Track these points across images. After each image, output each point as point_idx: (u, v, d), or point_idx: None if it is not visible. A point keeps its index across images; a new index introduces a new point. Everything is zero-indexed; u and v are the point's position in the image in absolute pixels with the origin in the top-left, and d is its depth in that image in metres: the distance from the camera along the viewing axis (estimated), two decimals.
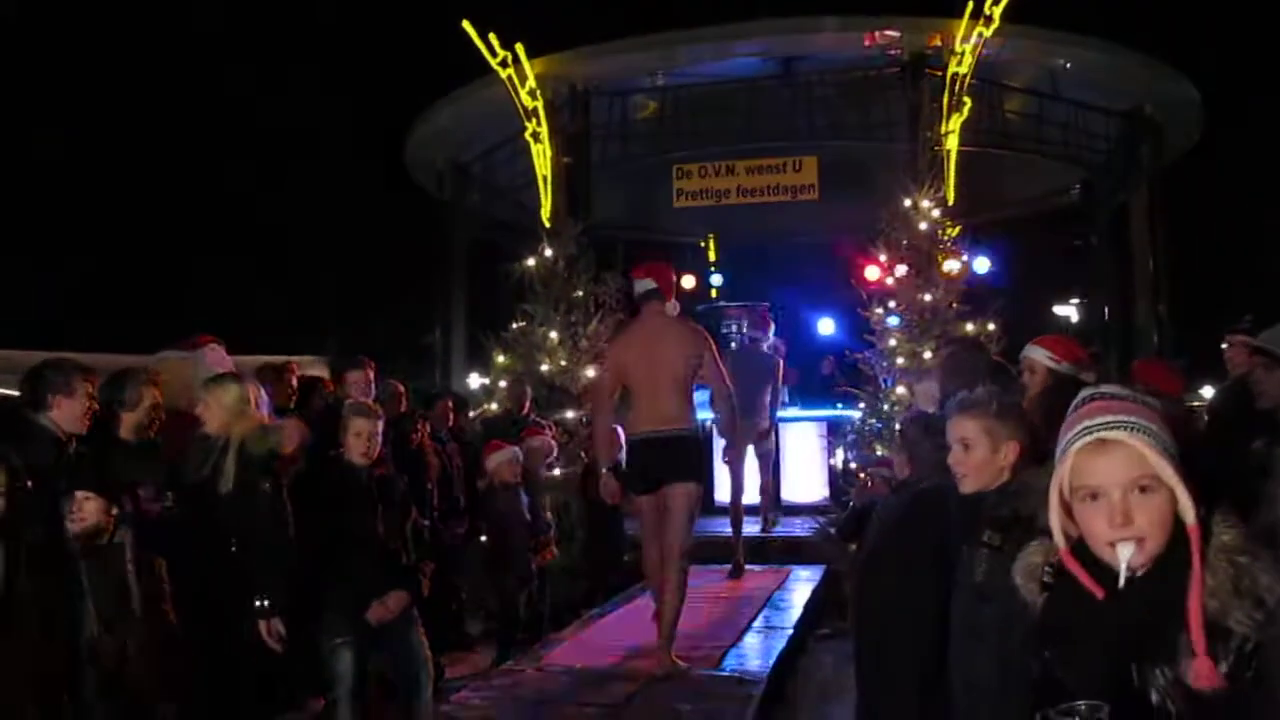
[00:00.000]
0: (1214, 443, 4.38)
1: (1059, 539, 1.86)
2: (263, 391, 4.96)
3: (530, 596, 7.47)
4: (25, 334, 11.81)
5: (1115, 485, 1.75)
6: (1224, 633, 1.65)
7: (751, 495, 9.67)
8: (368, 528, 4.94)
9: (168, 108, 23.47)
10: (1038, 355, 4.36)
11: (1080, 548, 1.82)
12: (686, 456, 5.76)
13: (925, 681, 3.19)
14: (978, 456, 3.02)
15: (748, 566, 8.83)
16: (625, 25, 13.37)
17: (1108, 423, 1.79)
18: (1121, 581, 1.73)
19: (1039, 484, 2.84)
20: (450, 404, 7.99)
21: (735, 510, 8.76)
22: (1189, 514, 1.71)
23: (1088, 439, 1.80)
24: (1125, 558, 1.72)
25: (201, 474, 4.59)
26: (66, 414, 4.23)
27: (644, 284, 6.02)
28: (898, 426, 3.98)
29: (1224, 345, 5.45)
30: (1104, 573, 1.76)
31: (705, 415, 8.41)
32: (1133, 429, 1.76)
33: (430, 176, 16.10)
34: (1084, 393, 1.91)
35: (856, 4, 12.88)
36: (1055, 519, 1.86)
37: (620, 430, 6.12)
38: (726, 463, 8.14)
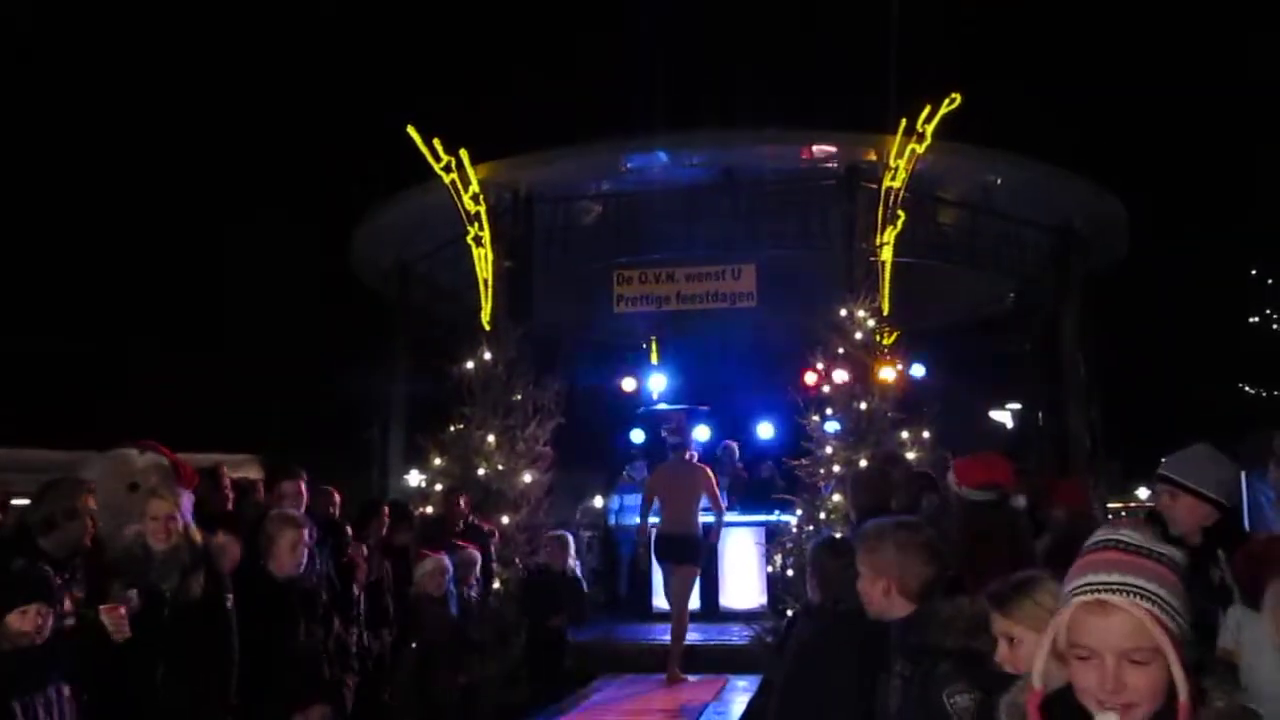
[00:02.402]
0: None
1: (1036, 681, 1.81)
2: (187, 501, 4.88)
3: (461, 708, 7.32)
4: None
5: (1110, 651, 1.69)
6: None
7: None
8: (290, 640, 4.85)
9: (101, 192, 23.37)
10: (950, 480, 4.44)
11: (1062, 694, 1.78)
12: (695, 548, 9.40)
13: None
14: (863, 587, 3.09)
15: (685, 676, 8.75)
16: (569, 133, 13.61)
17: (1112, 584, 1.72)
18: None
19: (945, 612, 2.89)
20: (386, 516, 7.83)
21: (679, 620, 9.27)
22: (1182, 689, 1.66)
23: (1088, 597, 1.73)
24: None
25: (166, 584, 4.50)
26: None
27: (674, 438, 10.74)
28: (808, 551, 4.00)
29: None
30: None
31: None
32: (1138, 595, 1.70)
33: (375, 275, 16.13)
34: (1099, 535, 1.83)
35: (795, 119, 13.27)
36: (1040, 663, 1.80)
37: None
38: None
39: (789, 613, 8.10)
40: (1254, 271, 20.68)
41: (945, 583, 3.06)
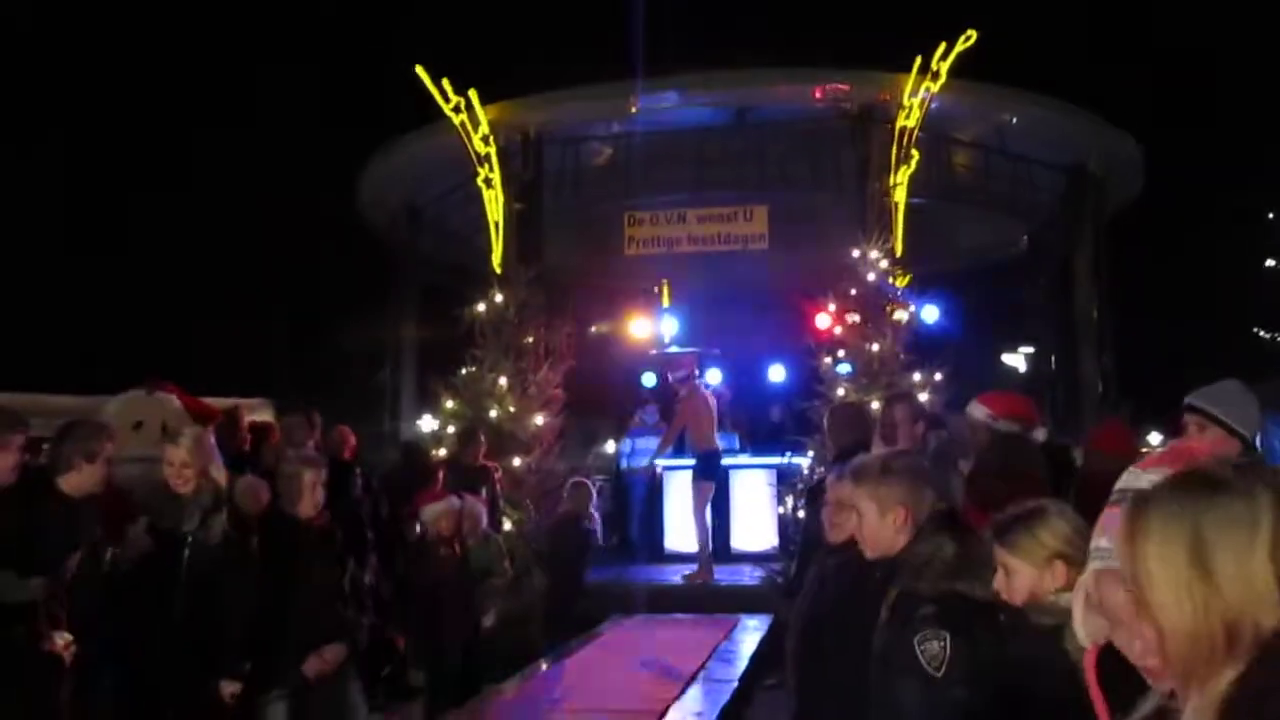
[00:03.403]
0: None
1: (1082, 639, 1.78)
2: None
3: (470, 650, 7.36)
4: None
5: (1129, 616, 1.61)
6: None
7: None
8: (307, 580, 4.87)
9: (112, 135, 23.24)
10: (978, 413, 4.39)
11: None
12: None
13: None
14: (869, 524, 3.05)
15: (696, 616, 8.82)
16: (579, 73, 13.45)
17: (1101, 551, 1.69)
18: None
19: (920, 556, 2.87)
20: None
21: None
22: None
23: (1099, 564, 1.70)
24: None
25: (187, 526, 4.52)
26: None
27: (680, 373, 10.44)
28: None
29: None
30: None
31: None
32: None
33: (383, 218, 16.06)
34: (1117, 489, 1.72)
35: (808, 57, 13.10)
36: (1078, 620, 1.77)
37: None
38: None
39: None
40: (1271, 215, 20.46)
41: (939, 517, 3.03)
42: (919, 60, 11.30)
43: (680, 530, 11.39)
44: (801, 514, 10.33)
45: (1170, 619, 1.31)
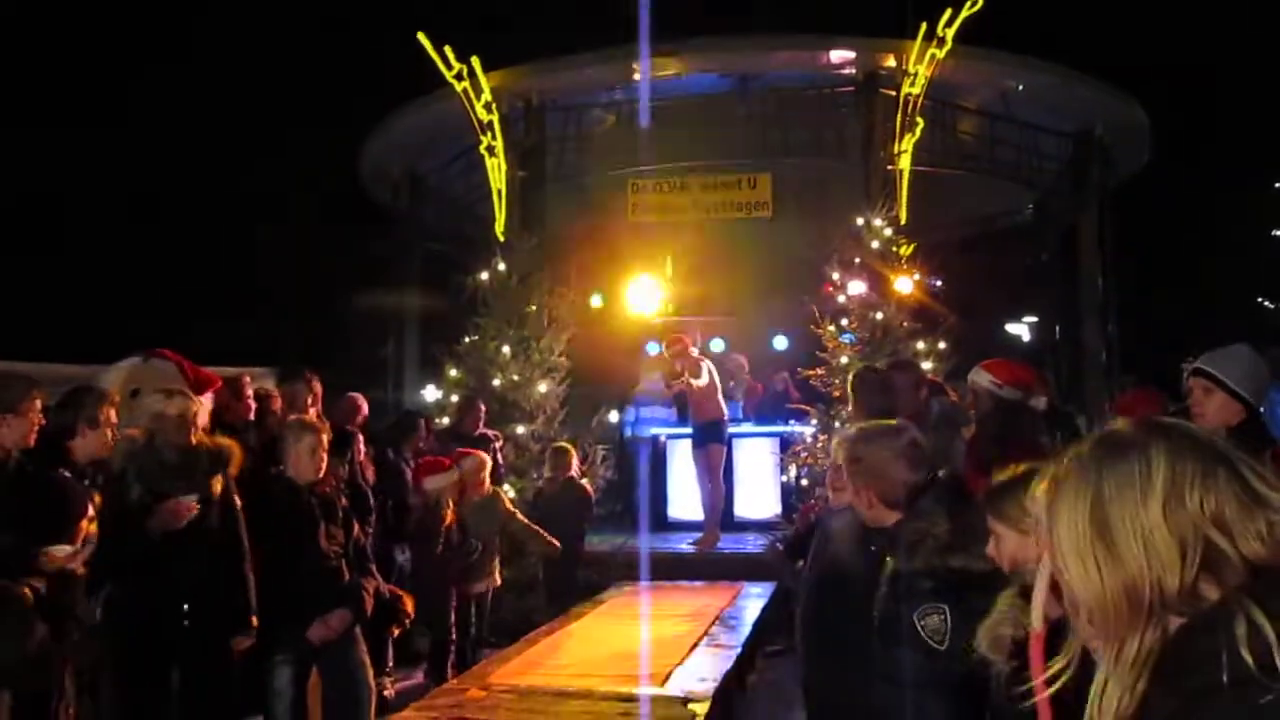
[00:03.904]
0: None
1: (1036, 622, 1.72)
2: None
3: (473, 616, 7.40)
4: None
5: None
6: None
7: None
8: (309, 546, 4.87)
9: (115, 109, 23.15)
10: (981, 380, 4.38)
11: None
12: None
13: None
14: (852, 497, 3.10)
15: (699, 583, 8.84)
16: (582, 40, 13.36)
17: None
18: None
19: (911, 534, 2.87)
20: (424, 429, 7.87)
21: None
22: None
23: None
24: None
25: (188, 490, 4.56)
26: (14, 432, 4.12)
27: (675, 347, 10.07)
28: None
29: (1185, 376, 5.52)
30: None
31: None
32: None
33: (385, 188, 16.01)
34: None
35: (813, 24, 12.99)
36: (1039, 601, 1.69)
37: None
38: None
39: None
40: (1278, 184, 20.35)
41: (940, 487, 3.03)
42: (924, 27, 11.22)
43: (684, 499, 11.41)
44: (805, 481, 10.41)
45: (1080, 586, 1.27)
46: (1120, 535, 1.24)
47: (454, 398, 10.30)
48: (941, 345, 10.02)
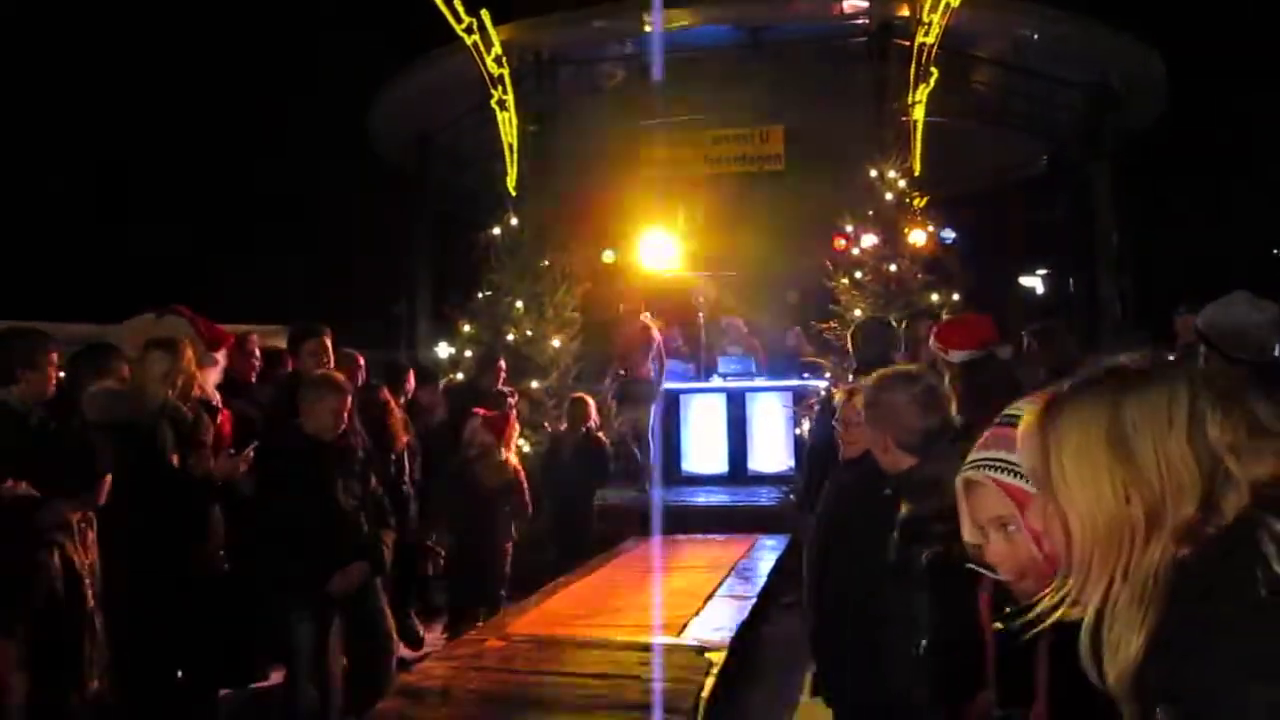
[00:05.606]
0: None
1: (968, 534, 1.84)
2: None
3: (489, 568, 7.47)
4: None
5: (979, 527, 1.74)
6: None
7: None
8: (327, 499, 4.90)
9: (128, 75, 23.02)
10: (934, 348, 4.40)
11: None
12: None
13: None
14: (869, 442, 3.13)
15: (714, 536, 8.92)
16: None
17: (974, 461, 1.76)
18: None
19: (933, 475, 2.88)
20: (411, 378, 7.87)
21: None
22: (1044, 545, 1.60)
23: (959, 480, 1.78)
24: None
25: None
26: (33, 388, 4.14)
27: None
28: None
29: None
30: None
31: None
32: (992, 467, 1.72)
33: (395, 146, 15.95)
34: (1005, 413, 1.77)
35: None
36: (966, 538, 1.82)
37: None
38: None
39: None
40: None
41: (954, 435, 3.04)
42: None
43: (699, 452, 11.46)
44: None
45: (1088, 508, 1.27)
46: (1143, 457, 1.25)
47: (468, 353, 10.31)
48: (955, 297, 9.98)
